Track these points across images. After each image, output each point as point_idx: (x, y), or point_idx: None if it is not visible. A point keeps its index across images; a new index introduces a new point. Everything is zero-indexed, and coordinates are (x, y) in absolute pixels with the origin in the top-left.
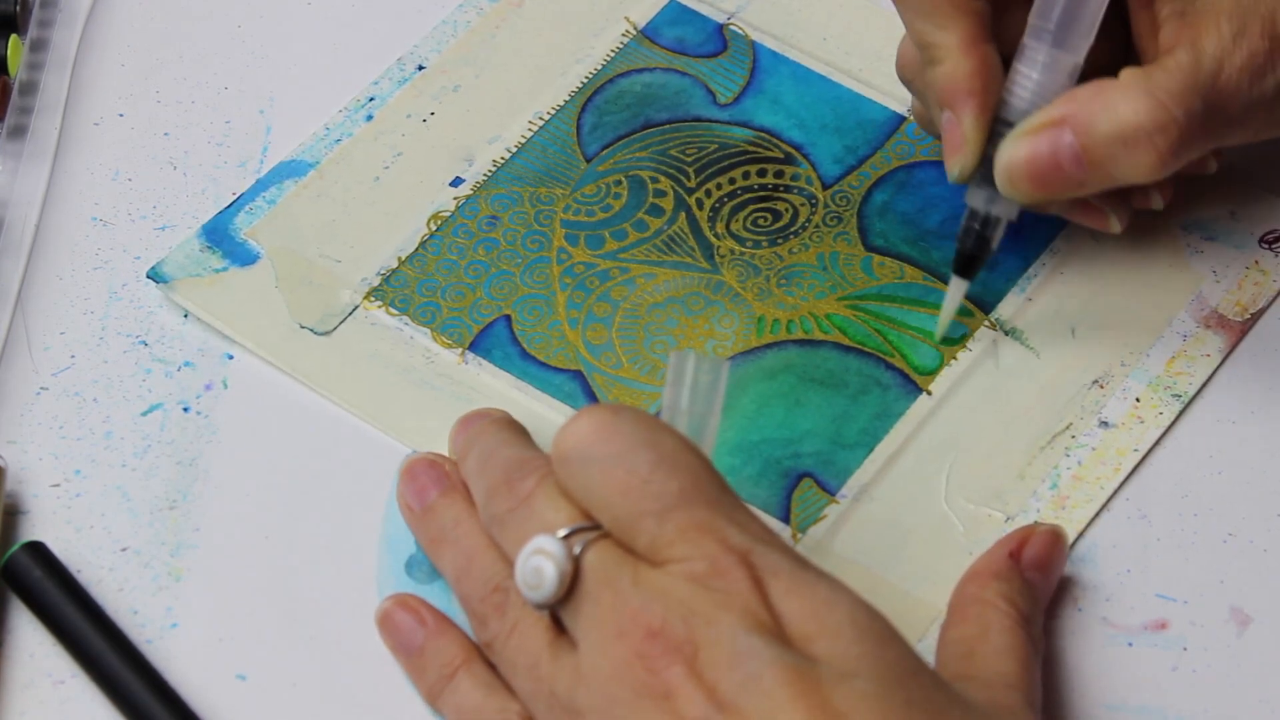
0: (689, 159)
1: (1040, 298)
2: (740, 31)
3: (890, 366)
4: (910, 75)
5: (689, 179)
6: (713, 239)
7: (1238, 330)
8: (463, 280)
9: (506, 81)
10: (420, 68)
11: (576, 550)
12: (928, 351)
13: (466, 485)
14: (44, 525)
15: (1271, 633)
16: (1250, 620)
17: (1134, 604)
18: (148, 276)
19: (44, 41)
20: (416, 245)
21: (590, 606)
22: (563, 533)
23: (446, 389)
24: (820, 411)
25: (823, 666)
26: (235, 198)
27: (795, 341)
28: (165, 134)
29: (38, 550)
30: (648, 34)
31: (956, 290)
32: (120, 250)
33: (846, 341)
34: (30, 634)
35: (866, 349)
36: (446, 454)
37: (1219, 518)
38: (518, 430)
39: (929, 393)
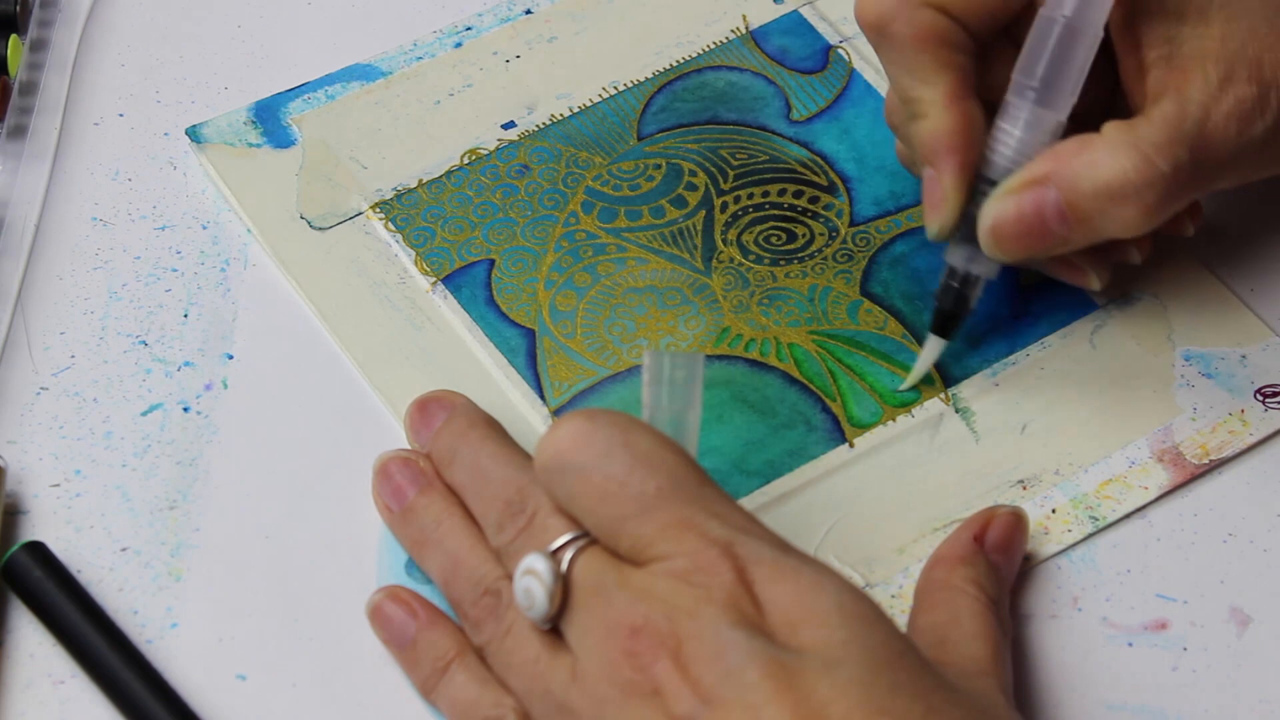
0: (734, 163)
1: (1007, 386)
2: (845, 57)
3: (827, 410)
4: (897, 123)
5: (725, 181)
6: (720, 244)
7: (1188, 472)
8: (468, 217)
9: (602, 45)
10: (528, 11)
11: (565, 562)
12: (870, 405)
13: (443, 480)
14: (44, 525)
15: (1271, 633)
16: (1250, 620)
17: (1134, 604)
18: (185, 133)
19: (44, 41)
20: (442, 173)
21: (581, 615)
22: (552, 548)
23: (404, 312)
24: (737, 433)
25: (808, 657)
26: (294, 86)
27: (747, 360)
28: (165, 134)
29: (38, 550)
30: (755, 36)
31: (933, 349)
32: (120, 250)
33: (796, 374)
34: (30, 634)
35: (812, 386)
36: (398, 414)
37: (1219, 518)
38: (499, 434)
39: (852, 445)
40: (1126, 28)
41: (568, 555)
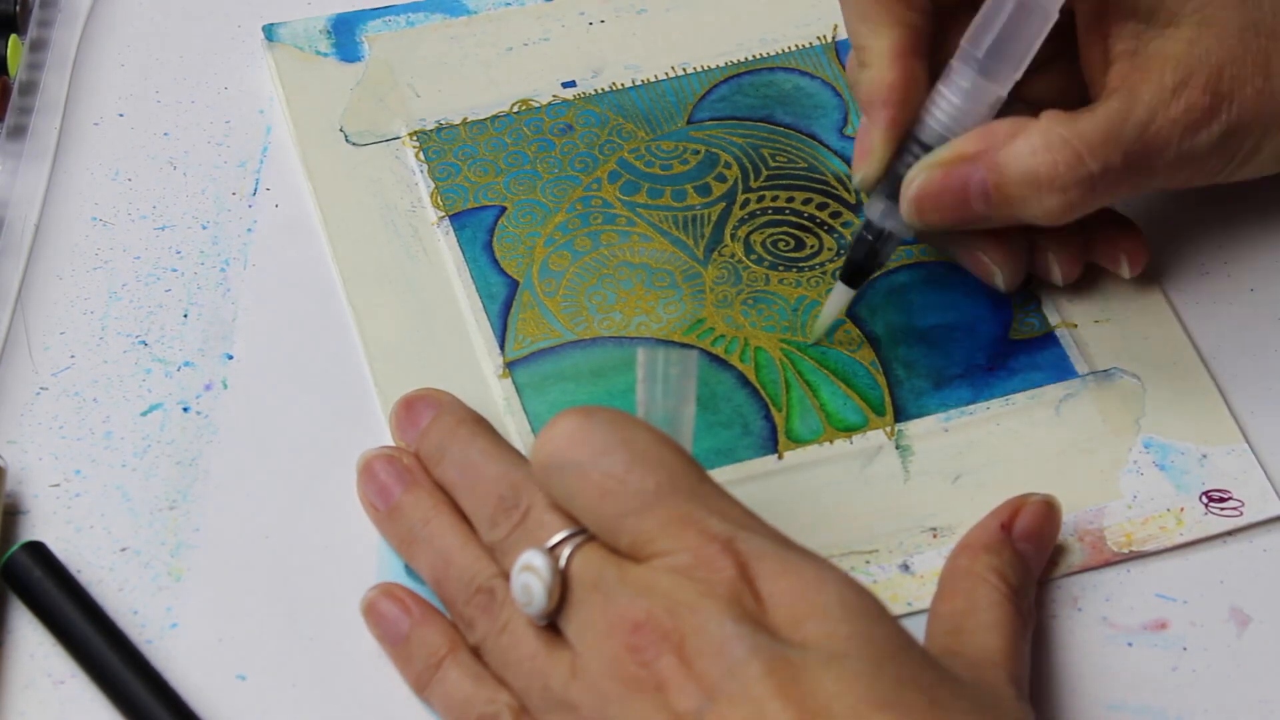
0: (771, 164)
1: (956, 434)
2: None
3: (769, 418)
4: (852, 78)
5: (755, 179)
6: (727, 238)
7: (1104, 558)
8: (496, 163)
9: (687, 26)
10: None
11: (564, 558)
12: (813, 423)
13: (429, 477)
14: (44, 525)
15: (1271, 633)
16: (1250, 620)
17: (1134, 604)
18: (263, 29)
19: (44, 41)
20: (487, 116)
21: (581, 611)
22: (550, 544)
23: (405, 238)
24: None
25: (810, 651)
26: (379, 5)
27: (708, 354)
28: (165, 134)
29: (38, 550)
30: (839, 47)
31: (839, 297)
32: (120, 250)
33: (751, 377)
34: (30, 634)
35: (763, 392)
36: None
37: None
38: (488, 431)
39: (780, 457)
40: (1096, 19)
41: (566, 551)
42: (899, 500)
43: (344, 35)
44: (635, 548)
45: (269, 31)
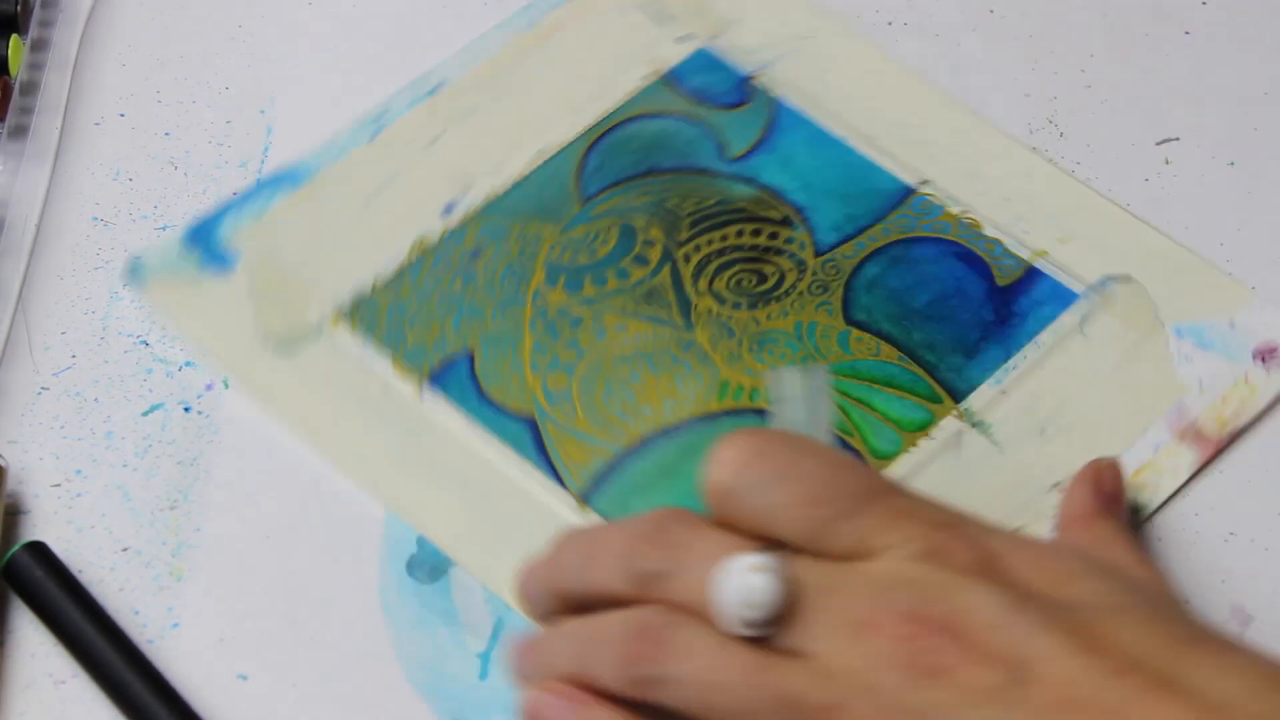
0: (685, 211)
1: (1015, 392)
2: (764, 86)
3: (847, 445)
4: None
5: (681, 231)
6: (693, 295)
7: (1212, 446)
8: (433, 313)
9: (522, 111)
10: (440, 86)
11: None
12: (888, 434)
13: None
14: (45, 525)
15: (1272, 633)
16: (1251, 620)
17: None
18: (127, 272)
19: (44, 41)
20: (394, 271)
21: (819, 614)
22: (748, 559)
23: (398, 424)
24: None
25: (1087, 609)
26: (223, 204)
27: (756, 410)
28: (166, 134)
29: (39, 550)
30: (671, 78)
31: None
32: (121, 250)
33: None
34: (31, 634)
35: None
36: (388, 499)
37: (1220, 517)
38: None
39: None
40: None
41: (774, 563)
42: (1008, 472)
43: (205, 246)
44: (860, 546)
45: (134, 273)
